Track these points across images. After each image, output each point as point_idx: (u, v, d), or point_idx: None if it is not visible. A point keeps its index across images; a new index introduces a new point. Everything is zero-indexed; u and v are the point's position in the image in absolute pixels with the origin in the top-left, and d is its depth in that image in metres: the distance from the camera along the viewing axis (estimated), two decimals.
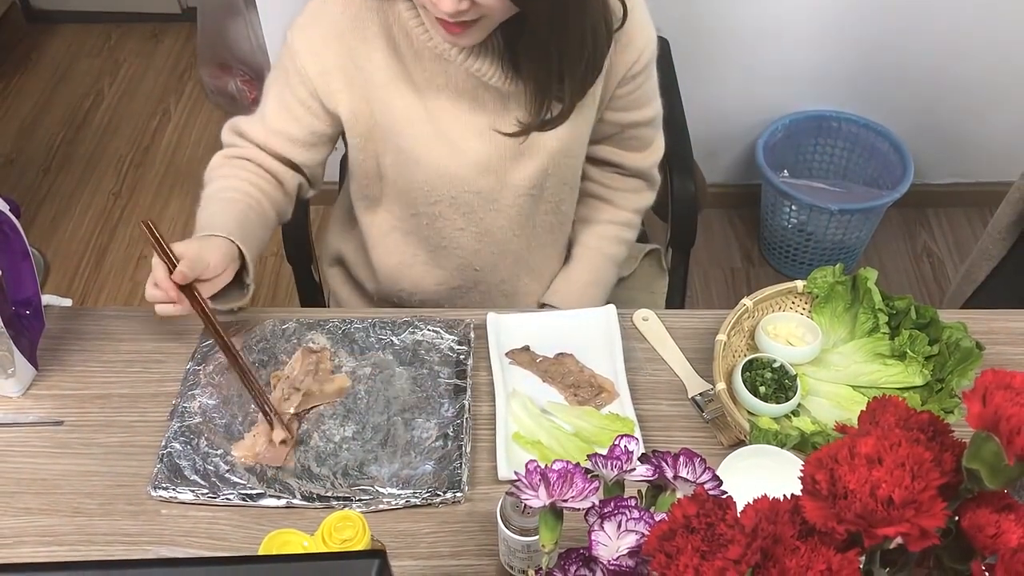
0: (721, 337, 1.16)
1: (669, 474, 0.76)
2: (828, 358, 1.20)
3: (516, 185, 1.28)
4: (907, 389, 1.15)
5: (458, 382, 1.18)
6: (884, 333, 1.18)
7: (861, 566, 0.59)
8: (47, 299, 1.23)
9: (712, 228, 2.62)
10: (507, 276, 1.39)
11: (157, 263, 1.11)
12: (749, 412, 1.14)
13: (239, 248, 1.15)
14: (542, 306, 1.42)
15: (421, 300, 1.42)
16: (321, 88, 1.23)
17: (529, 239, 1.36)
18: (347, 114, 1.25)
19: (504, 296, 1.41)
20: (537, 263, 1.40)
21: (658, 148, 1.41)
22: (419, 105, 1.22)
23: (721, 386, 1.11)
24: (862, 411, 0.66)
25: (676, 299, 1.61)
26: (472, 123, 1.23)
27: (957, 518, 0.61)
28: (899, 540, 0.57)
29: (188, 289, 1.11)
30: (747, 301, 1.21)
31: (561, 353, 1.23)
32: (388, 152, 1.27)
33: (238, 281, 1.19)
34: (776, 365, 1.16)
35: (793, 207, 2.38)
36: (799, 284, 1.23)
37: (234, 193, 1.24)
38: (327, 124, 1.27)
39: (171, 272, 1.09)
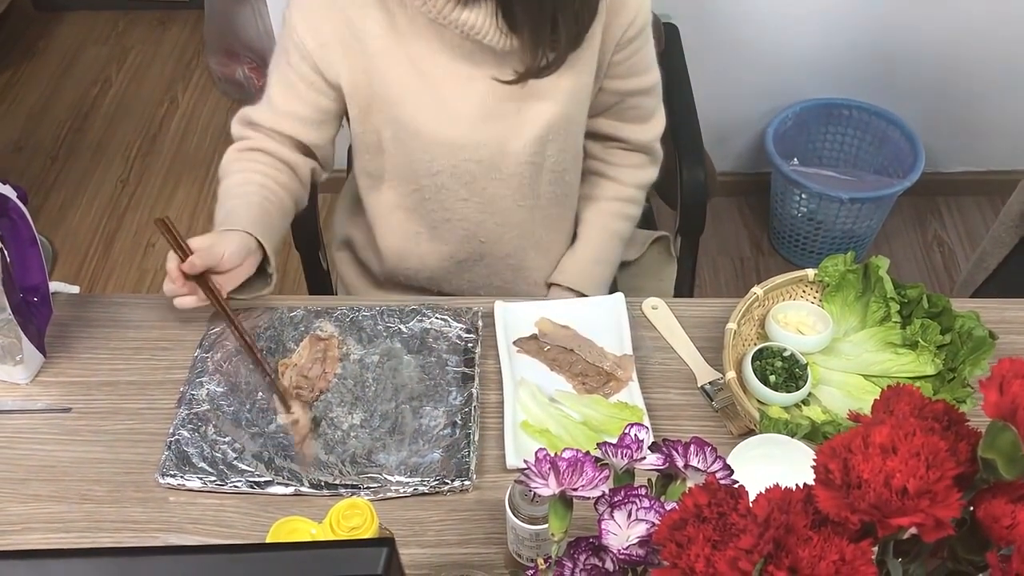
0: (731, 325, 1.15)
1: (679, 463, 0.75)
2: (839, 347, 1.19)
3: (516, 152, 1.27)
4: (919, 378, 1.14)
5: (466, 370, 1.17)
6: (895, 322, 1.17)
7: (874, 556, 0.58)
8: (55, 286, 1.23)
9: (721, 216, 2.61)
10: (512, 250, 1.38)
11: (171, 257, 1.15)
12: (759, 401, 1.13)
13: (257, 240, 1.18)
14: (550, 286, 1.42)
15: (428, 277, 1.42)
16: (321, 61, 1.23)
17: (533, 210, 1.35)
18: (348, 86, 1.25)
19: (511, 270, 1.41)
20: (544, 237, 1.40)
21: (659, 121, 1.40)
22: (415, 74, 1.22)
23: (731, 375, 1.10)
24: (876, 400, 0.65)
25: (685, 287, 1.60)
26: (469, 90, 1.23)
27: (972, 508, 0.60)
28: (913, 530, 0.56)
29: (202, 280, 1.15)
30: (757, 289, 1.20)
31: None
32: (387, 124, 1.27)
33: (261, 272, 1.23)
34: (786, 354, 1.15)
35: (803, 195, 2.36)
36: (810, 272, 1.22)
37: (250, 187, 1.26)
38: (331, 99, 1.28)
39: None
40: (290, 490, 1.06)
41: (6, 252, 1.11)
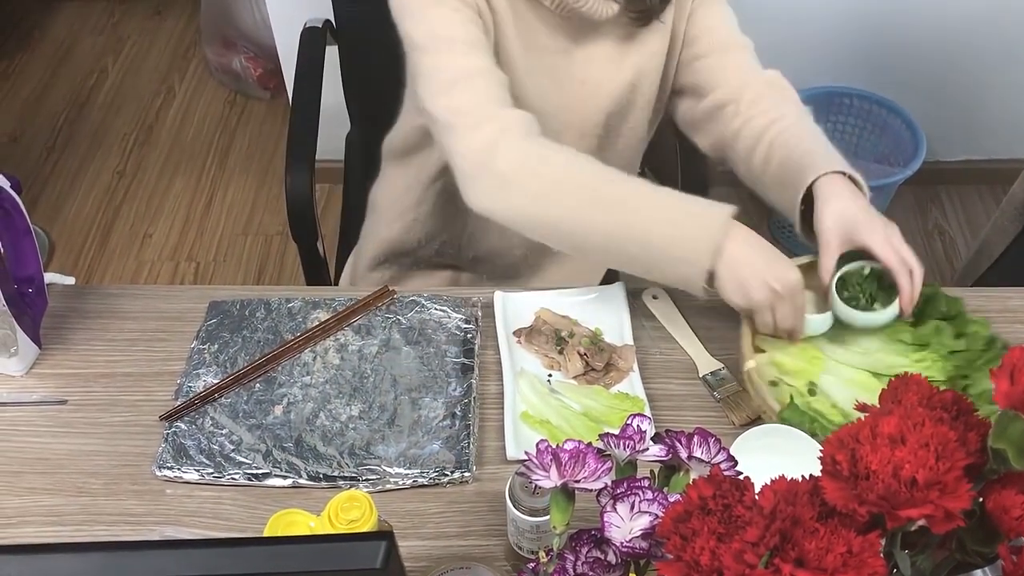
0: None
1: (683, 454, 0.74)
2: (856, 340, 1.15)
3: (581, 123, 1.27)
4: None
5: (465, 361, 1.16)
6: (907, 321, 1.15)
7: (881, 549, 0.57)
8: (50, 277, 1.22)
9: None
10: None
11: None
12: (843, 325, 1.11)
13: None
14: (816, 181, 1.22)
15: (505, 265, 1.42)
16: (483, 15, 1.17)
17: None
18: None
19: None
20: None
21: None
22: (523, 51, 1.21)
23: (751, 364, 1.08)
24: (883, 390, 0.64)
25: None
26: (553, 61, 1.23)
27: (981, 500, 0.59)
28: (922, 522, 0.55)
29: None
30: None
31: None
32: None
33: None
34: (867, 272, 1.13)
35: None
36: None
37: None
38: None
39: None
40: (288, 482, 1.05)
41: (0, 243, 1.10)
